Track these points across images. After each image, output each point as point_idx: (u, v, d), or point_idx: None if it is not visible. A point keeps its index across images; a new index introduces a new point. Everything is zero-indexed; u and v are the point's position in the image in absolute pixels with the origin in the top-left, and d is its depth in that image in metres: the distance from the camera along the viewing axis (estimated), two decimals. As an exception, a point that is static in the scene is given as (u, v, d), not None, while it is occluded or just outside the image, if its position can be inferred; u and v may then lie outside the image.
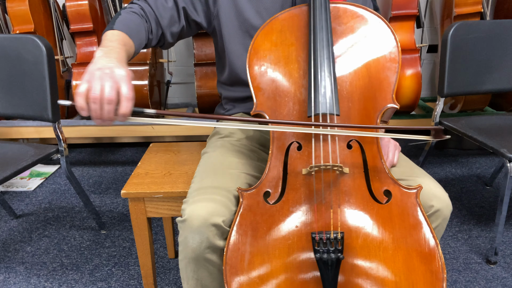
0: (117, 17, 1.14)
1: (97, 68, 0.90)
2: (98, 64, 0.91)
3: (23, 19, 2.38)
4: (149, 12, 1.20)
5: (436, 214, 1.07)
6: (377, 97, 1.03)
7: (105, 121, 0.90)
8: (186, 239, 0.98)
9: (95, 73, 0.89)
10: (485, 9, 2.44)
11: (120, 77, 0.89)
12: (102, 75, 0.88)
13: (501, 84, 1.90)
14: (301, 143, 1.02)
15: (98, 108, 0.88)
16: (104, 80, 0.88)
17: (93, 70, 0.90)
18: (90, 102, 0.87)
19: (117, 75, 0.89)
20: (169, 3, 1.22)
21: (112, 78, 0.88)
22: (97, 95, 0.87)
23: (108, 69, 0.89)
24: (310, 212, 0.98)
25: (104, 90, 0.87)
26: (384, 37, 1.06)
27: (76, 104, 0.88)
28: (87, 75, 0.89)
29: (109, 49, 0.98)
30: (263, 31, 1.08)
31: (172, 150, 1.62)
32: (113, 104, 0.88)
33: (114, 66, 0.91)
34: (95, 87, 0.87)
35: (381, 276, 0.95)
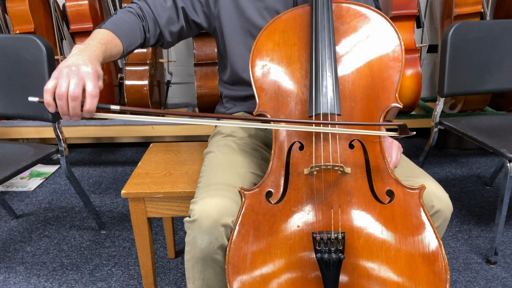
0: (112, 16, 1.16)
1: (66, 66, 0.92)
2: (68, 61, 0.93)
3: (23, 19, 2.37)
4: (147, 12, 1.21)
5: (436, 215, 1.07)
6: (380, 97, 1.03)
7: (72, 116, 0.92)
8: (194, 239, 0.98)
9: (63, 70, 0.91)
10: (485, 9, 2.44)
11: (85, 74, 0.91)
12: (69, 72, 0.90)
13: (501, 84, 1.90)
14: (303, 143, 1.02)
15: (64, 104, 0.90)
16: (70, 77, 0.90)
17: (62, 67, 0.92)
18: (57, 98, 0.90)
19: (83, 72, 0.91)
20: (168, 3, 1.23)
21: (77, 75, 0.90)
22: (62, 92, 0.89)
23: (75, 66, 0.91)
24: (312, 212, 0.98)
25: (69, 87, 0.89)
26: (387, 35, 1.06)
27: (44, 101, 0.90)
28: (56, 72, 0.92)
29: (85, 47, 1.00)
30: (266, 31, 1.08)
31: (172, 150, 1.62)
32: (78, 100, 0.90)
33: (82, 63, 0.92)
34: (61, 84, 0.89)
35: (383, 276, 0.95)
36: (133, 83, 2.51)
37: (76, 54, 0.96)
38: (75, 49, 0.99)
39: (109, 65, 2.64)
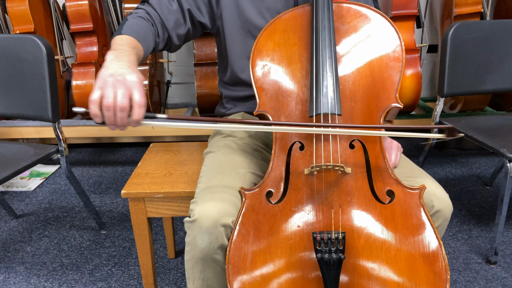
0: (124, 22, 1.14)
1: (109, 74, 0.89)
2: (110, 69, 0.91)
3: (23, 19, 2.37)
4: (155, 16, 1.20)
5: (436, 215, 1.07)
6: (380, 97, 1.03)
7: (118, 126, 0.90)
8: (195, 239, 0.98)
9: (107, 79, 0.88)
10: (485, 9, 2.44)
11: (132, 84, 0.89)
12: (115, 82, 0.88)
13: (501, 84, 1.90)
14: (304, 143, 1.02)
15: (111, 115, 0.88)
16: (117, 87, 0.87)
17: (105, 76, 0.89)
18: (104, 110, 0.88)
19: (129, 81, 0.89)
20: (174, 6, 1.22)
21: (124, 85, 0.88)
22: (110, 103, 0.87)
23: (120, 75, 0.89)
24: (312, 212, 0.98)
25: (117, 97, 0.87)
26: (387, 35, 1.06)
27: (90, 112, 0.88)
28: (100, 81, 0.89)
29: (120, 52, 0.98)
30: (267, 31, 1.08)
31: (172, 150, 1.62)
32: (126, 111, 0.88)
33: (126, 72, 0.90)
34: (108, 95, 0.87)
35: (383, 276, 0.95)
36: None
37: (115, 60, 0.94)
38: (111, 55, 0.96)
39: (109, 65, 2.63)
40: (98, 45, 2.51)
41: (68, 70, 2.69)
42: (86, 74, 2.44)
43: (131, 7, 2.49)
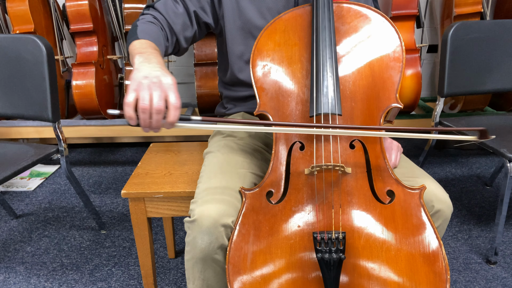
0: (136, 28, 1.14)
1: (143, 76, 0.89)
2: (142, 71, 0.90)
3: (23, 19, 2.37)
4: (162, 20, 1.20)
5: (436, 215, 1.07)
6: (380, 97, 1.03)
7: (153, 128, 0.91)
8: (195, 239, 0.98)
9: (142, 82, 0.88)
10: (485, 9, 2.44)
11: (167, 86, 0.89)
12: (150, 84, 0.88)
13: (501, 84, 1.90)
14: (304, 143, 1.02)
15: (147, 117, 0.88)
16: (152, 90, 0.87)
17: (139, 78, 0.89)
18: (139, 112, 0.87)
19: (165, 83, 0.89)
20: (180, 9, 1.22)
21: (160, 87, 0.88)
22: (146, 105, 0.87)
23: (155, 77, 0.89)
24: (312, 212, 0.98)
25: (153, 100, 0.87)
26: (388, 36, 1.06)
27: (125, 114, 0.88)
28: (134, 83, 0.88)
29: (147, 55, 0.97)
30: (267, 31, 1.08)
31: (172, 150, 1.62)
32: (162, 113, 0.88)
33: (160, 74, 0.90)
34: (144, 97, 0.87)
35: (383, 276, 0.95)
36: (133, 83, 2.50)
37: (145, 62, 0.94)
38: (139, 57, 0.96)
39: (109, 65, 2.64)
40: (98, 45, 2.51)
41: (68, 70, 2.69)
42: (86, 74, 2.44)
43: (131, 7, 2.49)
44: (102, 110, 2.49)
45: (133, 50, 1.03)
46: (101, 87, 2.50)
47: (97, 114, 2.52)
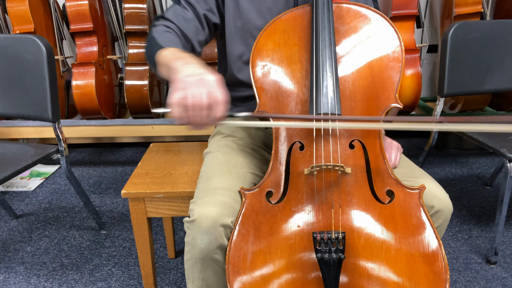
0: (154, 40, 1.13)
1: (187, 75, 0.89)
2: (185, 71, 0.91)
3: (23, 19, 2.37)
4: (175, 28, 1.19)
5: (437, 215, 1.07)
6: (380, 97, 1.03)
7: (200, 126, 0.91)
8: (194, 239, 0.98)
9: (187, 80, 0.88)
10: (485, 9, 2.44)
11: (212, 83, 0.89)
12: (195, 81, 0.88)
13: (501, 84, 1.90)
14: (304, 143, 1.02)
15: (194, 114, 0.88)
16: (198, 87, 0.88)
17: (183, 77, 0.89)
18: (187, 109, 0.88)
19: (210, 80, 0.89)
20: (189, 15, 1.21)
21: (204, 84, 0.88)
22: (193, 102, 0.87)
23: (199, 75, 0.89)
24: (312, 212, 0.98)
25: (200, 96, 0.87)
26: (387, 36, 1.06)
27: (173, 113, 0.88)
28: (180, 83, 0.89)
29: (184, 58, 0.97)
30: (266, 31, 1.08)
31: (172, 150, 1.62)
32: (209, 109, 0.88)
33: (203, 72, 0.90)
34: (190, 94, 0.87)
35: (383, 276, 0.95)
36: (133, 83, 2.51)
37: (185, 64, 0.94)
38: (177, 61, 0.95)
39: (109, 65, 2.64)
40: (98, 45, 2.51)
41: (68, 70, 2.69)
42: (86, 74, 2.44)
43: (131, 7, 2.49)
44: (102, 110, 2.50)
45: (165, 58, 1.03)
46: (101, 87, 2.50)
47: (97, 114, 2.52)
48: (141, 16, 2.49)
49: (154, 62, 1.09)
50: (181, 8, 1.21)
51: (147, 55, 1.16)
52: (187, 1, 1.21)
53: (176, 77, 0.90)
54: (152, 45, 1.12)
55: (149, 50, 1.14)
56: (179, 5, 1.22)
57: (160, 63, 1.05)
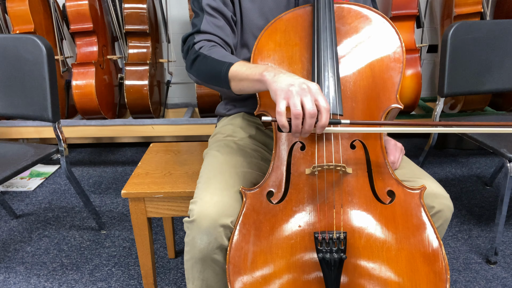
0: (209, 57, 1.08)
1: (289, 84, 0.89)
2: (284, 81, 0.90)
3: (23, 19, 2.37)
4: (216, 40, 1.16)
5: (437, 215, 1.07)
6: (381, 97, 1.03)
7: (304, 133, 0.91)
8: (193, 239, 0.98)
9: (290, 89, 0.88)
10: (485, 9, 2.44)
11: (315, 91, 0.89)
12: (299, 90, 0.88)
13: (501, 84, 1.90)
14: (305, 143, 1.02)
15: (300, 123, 0.89)
16: (302, 95, 0.88)
17: (285, 86, 0.89)
18: (293, 118, 0.88)
19: (313, 88, 0.89)
20: (221, 22, 1.18)
21: (309, 92, 0.89)
22: (299, 111, 0.88)
23: (302, 83, 0.89)
24: (313, 211, 0.98)
25: (305, 105, 0.88)
26: (388, 37, 1.06)
27: (279, 122, 0.89)
28: (282, 93, 0.89)
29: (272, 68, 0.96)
30: (267, 31, 1.08)
31: (172, 150, 1.62)
32: (315, 117, 0.89)
33: (305, 80, 0.90)
34: (295, 103, 0.87)
35: (384, 276, 0.95)
36: (133, 83, 2.51)
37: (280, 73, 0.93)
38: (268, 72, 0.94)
39: (109, 65, 2.64)
40: (98, 45, 2.51)
41: (68, 70, 2.69)
42: (86, 74, 2.44)
43: (131, 7, 2.49)
44: (102, 110, 2.50)
45: (244, 72, 1.00)
46: (101, 87, 2.50)
47: (97, 114, 2.52)
48: (141, 16, 2.49)
49: (223, 81, 1.05)
50: (211, 17, 1.18)
51: (205, 75, 1.10)
52: (213, 8, 1.18)
53: (276, 87, 0.90)
54: (212, 64, 1.07)
55: (208, 70, 1.08)
56: (206, 13, 1.18)
57: (236, 79, 1.02)
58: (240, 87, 1.02)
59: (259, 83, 0.96)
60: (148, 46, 2.58)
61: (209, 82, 1.10)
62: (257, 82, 0.96)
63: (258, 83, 0.96)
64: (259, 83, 0.96)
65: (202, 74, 1.11)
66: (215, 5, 1.17)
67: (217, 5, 1.17)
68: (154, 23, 2.69)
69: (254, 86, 0.98)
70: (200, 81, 1.13)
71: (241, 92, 1.04)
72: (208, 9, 1.17)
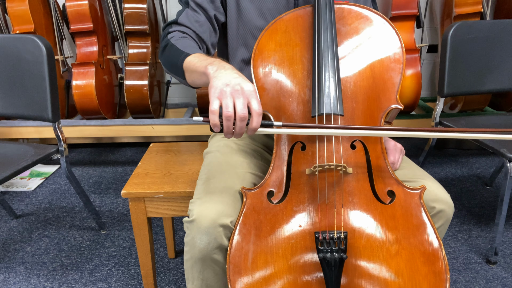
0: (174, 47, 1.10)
1: (225, 84, 0.89)
2: (222, 78, 0.90)
3: (23, 19, 2.37)
4: (191, 33, 1.18)
5: (438, 215, 1.07)
6: (381, 98, 1.03)
7: (236, 135, 0.91)
8: (193, 239, 0.98)
9: (224, 89, 0.88)
10: (485, 9, 2.44)
11: (249, 93, 0.89)
12: (233, 91, 0.88)
13: (501, 84, 1.90)
14: (305, 143, 1.02)
15: (231, 124, 0.89)
16: (235, 97, 0.88)
17: (221, 86, 0.89)
18: (224, 119, 0.88)
19: (247, 90, 0.89)
20: (201, 17, 1.19)
21: (242, 94, 0.88)
22: (230, 113, 0.87)
23: (237, 84, 0.89)
24: (314, 211, 0.98)
25: (236, 107, 0.87)
26: (388, 37, 1.06)
27: (211, 122, 0.89)
28: (217, 91, 0.88)
29: (218, 63, 0.95)
30: (268, 31, 1.08)
31: (172, 150, 1.62)
32: (246, 120, 0.88)
33: (241, 81, 0.90)
34: (227, 104, 0.87)
35: (384, 276, 0.95)
36: (133, 83, 2.51)
37: (221, 69, 0.93)
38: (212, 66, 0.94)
39: (109, 65, 2.64)
40: (98, 45, 2.51)
41: (68, 70, 2.69)
42: (86, 74, 2.44)
43: (131, 7, 2.49)
44: (102, 110, 2.50)
45: (194, 65, 1.01)
46: (101, 87, 2.50)
47: (97, 114, 2.52)
48: (141, 16, 2.49)
49: (180, 70, 1.06)
50: (192, 12, 1.19)
51: (168, 64, 1.13)
52: (197, 4, 1.19)
53: (213, 84, 0.90)
54: (174, 53, 1.10)
55: (170, 58, 1.11)
56: (189, 8, 1.20)
57: (188, 70, 1.03)
58: (192, 79, 1.04)
59: (204, 76, 0.96)
60: (148, 46, 2.58)
61: (171, 71, 1.12)
62: (203, 75, 0.97)
63: (204, 76, 0.96)
64: (204, 76, 0.96)
65: (167, 62, 1.13)
66: (199, 1, 1.19)
67: (201, 2, 1.19)
68: (154, 23, 2.69)
69: (201, 79, 0.98)
70: (166, 69, 1.16)
71: (194, 84, 1.06)
72: (192, 4, 1.20)
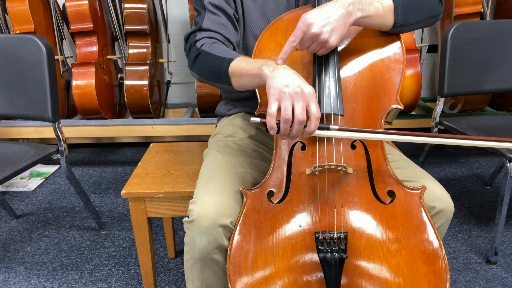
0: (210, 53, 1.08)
1: (284, 84, 0.88)
2: (281, 79, 0.89)
3: (23, 19, 2.37)
4: (218, 36, 1.16)
5: (438, 215, 1.07)
6: (381, 98, 1.03)
7: (292, 137, 0.91)
8: (193, 239, 0.98)
9: (284, 90, 0.87)
10: (485, 9, 2.44)
11: (309, 96, 0.88)
12: (292, 93, 0.87)
13: (501, 84, 1.90)
14: (305, 143, 1.02)
15: (288, 127, 0.88)
16: (295, 100, 0.87)
17: (280, 86, 0.88)
18: (282, 122, 0.88)
19: (307, 93, 0.88)
20: (222, 19, 1.17)
21: (302, 97, 0.87)
22: (289, 116, 0.87)
23: (298, 87, 0.88)
24: (314, 211, 0.98)
25: (295, 110, 0.87)
26: (388, 37, 1.06)
27: (268, 124, 0.88)
28: (276, 92, 0.87)
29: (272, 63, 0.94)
30: (268, 31, 1.08)
31: (172, 150, 1.62)
32: (304, 123, 0.88)
33: (301, 82, 0.88)
34: (286, 107, 0.86)
35: (384, 276, 0.95)
36: (133, 83, 2.51)
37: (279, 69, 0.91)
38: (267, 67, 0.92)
39: (109, 65, 2.64)
40: (98, 45, 2.51)
41: (68, 70, 2.69)
42: (86, 74, 2.44)
43: (131, 7, 2.49)
44: (102, 110, 2.50)
45: (244, 67, 0.99)
46: (101, 87, 2.50)
47: (97, 114, 2.52)
48: (141, 16, 2.49)
49: (224, 77, 1.04)
50: (212, 15, 1.17)
51: (205, 72, 1.10)
52: (215, 6, 1.17)
53: (271, 85, 0.88)
54: (213, 61, 1.07)
55: (209, 67, 1.08)
56: (208, 12, 1.17)
57: (236, 74, 1.01)
58: (240, 83, 1.02)
59: (257, 77, 0.95)
60: (148, 46, 2.58)
61: (211, 79, 1.10)
62: (256, 77, 0.96)
63: (257, 78, 0.95)
64: (258, 78, 0.95)
65: (204, 71, 1.10)
66: (217, 3, 1.17)
67: (218, 3, 1.17)
68: (154, 23, 2.69)
69: (254, 81, 0.97)
70: (202, 78, 1.13)
71: (242, 88, 1.04)
72: (210, 7, 1.17)
